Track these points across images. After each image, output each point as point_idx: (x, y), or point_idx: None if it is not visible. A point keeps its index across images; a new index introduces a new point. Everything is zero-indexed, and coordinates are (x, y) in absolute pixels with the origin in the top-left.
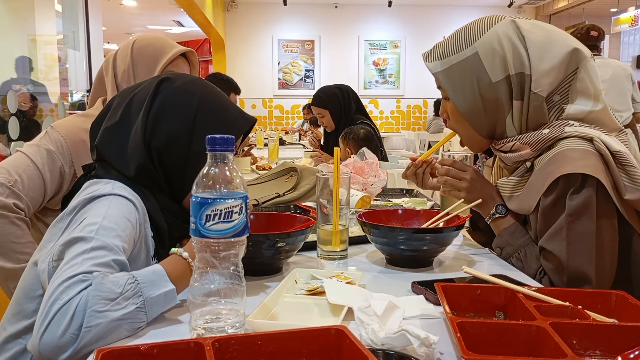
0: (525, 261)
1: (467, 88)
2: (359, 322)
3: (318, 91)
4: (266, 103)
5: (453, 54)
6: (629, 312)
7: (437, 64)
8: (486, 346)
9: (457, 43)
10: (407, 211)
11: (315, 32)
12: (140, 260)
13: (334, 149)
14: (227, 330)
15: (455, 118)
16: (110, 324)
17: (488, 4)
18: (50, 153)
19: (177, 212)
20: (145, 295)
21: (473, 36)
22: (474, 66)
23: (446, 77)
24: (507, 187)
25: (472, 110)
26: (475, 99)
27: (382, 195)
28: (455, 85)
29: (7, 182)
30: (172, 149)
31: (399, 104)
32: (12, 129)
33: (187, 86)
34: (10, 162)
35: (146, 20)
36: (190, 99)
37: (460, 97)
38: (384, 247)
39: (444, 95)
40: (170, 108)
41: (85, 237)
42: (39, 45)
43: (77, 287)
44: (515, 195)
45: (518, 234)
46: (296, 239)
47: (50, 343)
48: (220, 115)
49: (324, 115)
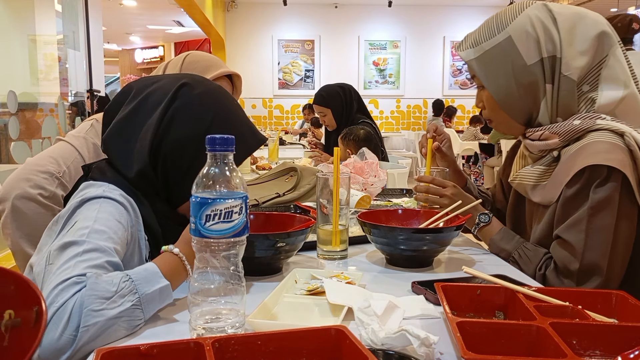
0: (521, 262)
1: (501, 73)
2: (359, 322)
3: (320, 90)
4: (266, 103)
5: (485, 40)
6: (629, 312)
7: (470, 52)
8: (486, 346)
9: (489, 29)
10: (407, 211)
11: (315, 32)
12: (133, 262)
13: (334, 149)
14: (227, 330)
15: (491, 106)
16: (107, 322)
17: (488, 4)
18: (96, 147)
19: (173, 216)
20: (140, 292)
21: (505, 21)
22: (508, 50)
23: (480, 64)
24: (532, 176)
25: (507, 96)
26: (510, 85)
27: (382, 195)
28: (490, 71)
29: (57, 173)
30: (177, 158)
31: (399, 104)
32: (12, 129)
33: (205, 96)
34: (58, 152)
35: (146, 20)
36: (206, 111)
37: (495, 84)
38: (384, 247)
39: (479, 84)
40: (185, 116)
41: (77, 241)
42: (39, 45)
43: (71, 289)
44: (541, 185)
45: (507, 238)
46: (296, 239)
47: (49, 346)
48: (231, 131)
49: (326, 114)
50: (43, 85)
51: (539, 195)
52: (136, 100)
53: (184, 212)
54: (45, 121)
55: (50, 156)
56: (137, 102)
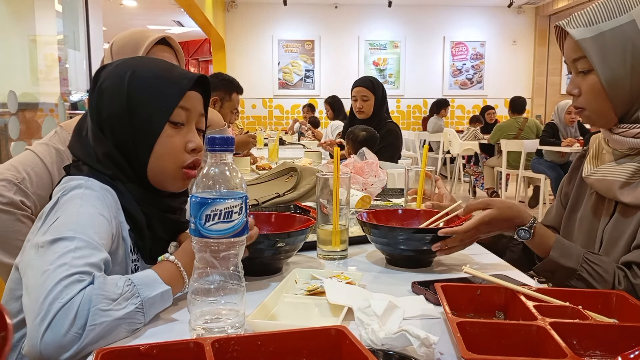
0: (592, 280)
1: (618, 57)
2: (359, 322)
3: (366, 76)
4: (266, 103)
5: (604, 21)
6: (629, 312)
7: (584, 31)
8: (486, 346)
9: (608, 9)
10: (407, 211)
11: (315, 32)
12: (119, 254)
13: (334, 149)
14: (227, 330)
15: (594, 92)
16: (112, 323)
17: (488, 4)
18: (59, 152)
19: (155, 202)
20: (142, 296)
21: (629, 3)
22: (630, 34)
23: (595, 44)
24: (623, 173)
25: (618, 81)
26: (625, 70)
27: (382, 195)
28: (606, 53)
29: (14, 179)
30: (116, 129)
31: (399, 104)
32: (12, 129)
33: (118, 67)
34: (19, 159)
35: (146, 20)
36: (121, 78)
37: (608, 67)
38: (384, 247)
39: (582, 68)
40: (105, 92)
41: (66, 237)
42: (39, 45)
43: (76, 286)
44: (633, 184)
45: (566, 253)
46: (296, 239)
47: (53, 342)
48: (155, 84)
49: (368, 99)
50: (43, 86)
51: (630, 195)
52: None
53: (157, 184)
54: (45, 121)
55: (11, 164)
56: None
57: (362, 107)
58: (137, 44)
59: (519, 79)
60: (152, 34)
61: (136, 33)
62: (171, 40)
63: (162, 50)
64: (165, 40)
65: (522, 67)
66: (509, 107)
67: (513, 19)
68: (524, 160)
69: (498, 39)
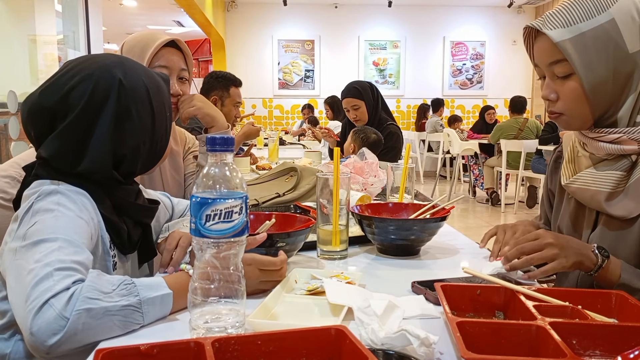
0: None
1: (601, 58)
2: (359, 322)
3: (351, 84)
4: (266, 103)
5: (583, 21)
6: (629, 312)
7: (562, 32)
8: (486, 346)
9: (585, 8)
10: (397, 204)
11: (315, 32)
12: (98, 253)
13: (334, 149)
14: (227, 330)
15: (574, 97)
16: (99, 312)
17: (488, 4)
18: None
19: (132, 210)
20: (141, 296)
21: (606, 1)
22: (611, 34)
23: (576, 46)
24: (606, 183)
25: (599, 85)
26: (607, 72)
27: (381, 195)
28: (587, 54)
29: (17, 176)
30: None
31: (399, 104)
32: (12, 128)
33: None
34: (22, 157)
35: (146, 20)
36: (111, 70)
37: (590, 70)
38: (375, 237)
39: (561, 73)
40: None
41: (48, 238)
42: (39, 45)
43: (67, 280)
44: (621, 194)
45: (634, 271)
46: (296, 239)
47: (45, 326)
48: (143, 73)
49: (359, 107)
50: None
51: (620, 208)
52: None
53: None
54: None
55: (14, 161)
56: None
57: (356, 117)
58: (146, 45)
59: (519, 79)
60: (161, 37)
61: (146, 35)
62: (180, 44)
63: (171, 53)
64: (174, 43)
65: (522, 67)
66: (509, 107)
67: (513, 19)
68: (524, 160)
69: (498, 39)
